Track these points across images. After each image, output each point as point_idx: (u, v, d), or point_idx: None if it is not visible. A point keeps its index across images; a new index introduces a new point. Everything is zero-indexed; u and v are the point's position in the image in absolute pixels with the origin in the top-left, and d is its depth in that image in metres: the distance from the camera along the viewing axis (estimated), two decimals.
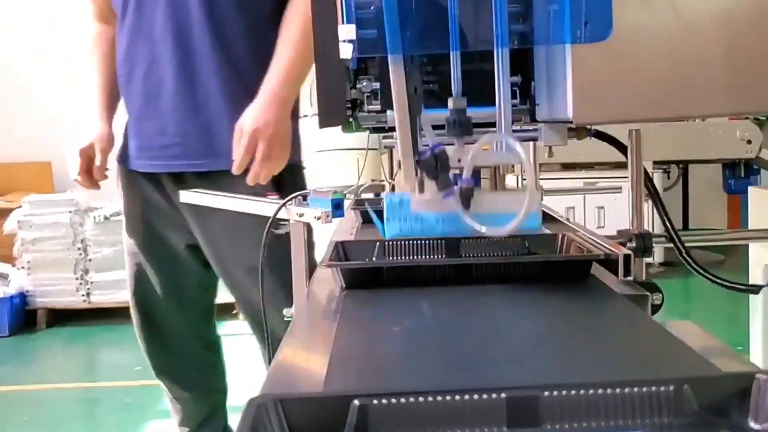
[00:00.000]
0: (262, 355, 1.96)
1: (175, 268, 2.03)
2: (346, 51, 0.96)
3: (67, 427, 3.37)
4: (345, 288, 1.09)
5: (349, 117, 1.23)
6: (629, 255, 1.08)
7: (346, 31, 0.96)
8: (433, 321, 0.98)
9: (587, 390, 0.60)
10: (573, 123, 1.11)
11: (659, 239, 1.45)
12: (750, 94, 1.11)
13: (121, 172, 2.02)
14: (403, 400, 0.59)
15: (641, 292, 1.05)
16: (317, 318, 1.03)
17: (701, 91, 1.11)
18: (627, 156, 1.38)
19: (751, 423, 0.59)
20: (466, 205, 1.03)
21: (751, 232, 2.24)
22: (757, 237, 2.03)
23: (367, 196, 2.48)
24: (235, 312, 3.17)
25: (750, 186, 2.79)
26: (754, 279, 2.42)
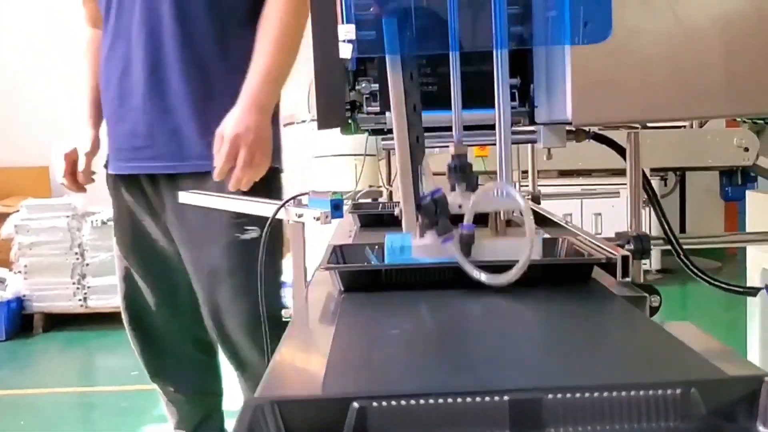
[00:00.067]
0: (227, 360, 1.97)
1: (165, 270, 2.01)
2: (345, 51, 0.96)
3: None
4: (343, 291, 1.07)
5: (348, 118, 1.22)
6: (627, 256, 1.08)
7: (345, 31, 0.95)
8: (434, 324, 0.96)
9: (592, 393, 0.59)
10: (572, 124, 1.11)
11: (657, 242, 1.44)
12: (748, 95, 1.11)
13: (108, 177, 2.01)
14: (404, 402, 0.58)
15: (639, 293, 1.04)
16: (315, 320, 1.02)
17: (700, 93, 1.11)
18: (625, 158, 1.37)
19: (760, 427, 0.58)
20: (466, 252, 1.03)
21: (749, 234, 2.23)
22: (754, 240, 2.02)
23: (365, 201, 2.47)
24: None
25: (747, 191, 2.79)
26: (751, 283, 2.42)
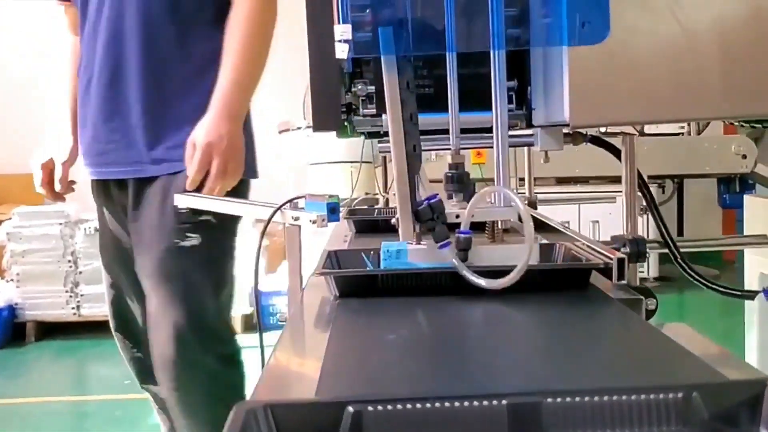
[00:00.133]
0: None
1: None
2: (341, 51, 0.94)
3: None
4: (339, 296, 1.06)
5: (344, 121, 1.21)
6: (623, 259, 1.07)
7: (341, 31, 0.94)
8: (430, 328, 0.95)
9: (592, 397, 0.58)
10: (570, 126, 1.10)
11: (653, 245, 1.44)
12: (746, 97, 1.10)
13: (91, 182, 2.00)
14: (400, 406, 0.57)
15: (635, 296, 1.04)
16: (310, 325, 1.00)
17: (697, 94, 1.10)
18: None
19: None
20: (463, 257, 1.02)
21: (746, 237, 2.23)
22: (752, 243, 2.02)
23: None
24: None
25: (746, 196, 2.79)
26: (749, 288, 2.41)
